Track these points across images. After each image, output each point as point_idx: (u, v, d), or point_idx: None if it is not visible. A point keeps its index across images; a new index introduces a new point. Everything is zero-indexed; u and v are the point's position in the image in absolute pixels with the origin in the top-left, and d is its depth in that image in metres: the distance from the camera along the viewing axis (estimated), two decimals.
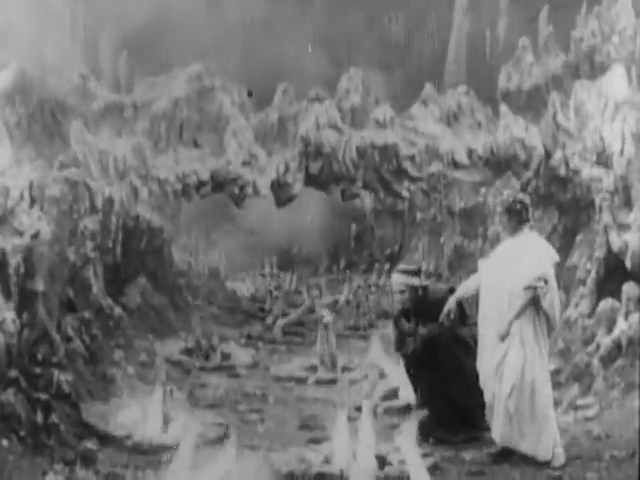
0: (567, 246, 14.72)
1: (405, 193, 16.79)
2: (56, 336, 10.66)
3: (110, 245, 13.47)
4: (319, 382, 12.36)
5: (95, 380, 10.91)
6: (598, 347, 11.38)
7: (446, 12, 23.74)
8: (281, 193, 16.20)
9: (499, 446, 8.73)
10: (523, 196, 8.99)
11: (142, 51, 18.70)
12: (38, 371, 9.56)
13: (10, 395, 8.61)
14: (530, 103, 17.00)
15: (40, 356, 9.98)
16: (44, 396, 9.00)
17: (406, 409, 10.32)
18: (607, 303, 11.98)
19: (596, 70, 15.75)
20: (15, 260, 10.31)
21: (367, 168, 16.36)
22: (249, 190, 15.73)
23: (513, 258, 8.60)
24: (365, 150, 16.23)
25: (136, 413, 9.75)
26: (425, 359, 9.38)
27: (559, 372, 11.37)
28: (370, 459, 8.46)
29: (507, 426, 8.58)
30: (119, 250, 13.72)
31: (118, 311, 13.14)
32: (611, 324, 11.54)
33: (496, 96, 17.62)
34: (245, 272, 22.67)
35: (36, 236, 10.85)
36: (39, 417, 8.63)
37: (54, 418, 8.78)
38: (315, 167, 16.30)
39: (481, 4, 22.97)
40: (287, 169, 16.08)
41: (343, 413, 9.17)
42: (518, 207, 8.68)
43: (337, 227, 25.33)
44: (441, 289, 9.83)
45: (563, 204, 15.47)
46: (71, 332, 11.29)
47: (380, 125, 16.50)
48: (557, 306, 8.68)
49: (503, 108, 16.28)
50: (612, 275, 12.69)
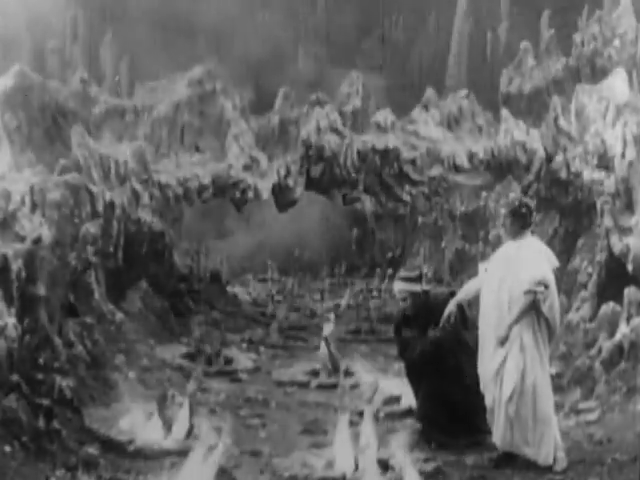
0: (568, 250, 14.73)
1: (406, 197, 16.80)
2: (58, 341, 10.66)
3: (111, 250, 13.48)
4: (321, 387, 12.35)
5: (97, 385, 10.91)
6: (600, 351, 11.37)
7: (447, 16, 23.81)
8: (282, 197, 16.22)
9: (500, 451, 8.73)
10: (529, 200, 8.97)
11: (143, 55, 18.74)
12: (40, 376, 9.55)
13: (12, 400, 8.60)
14: (531, 106, 17.03)
15: (42, 361, 9.98)
16: (46, 401, 8.98)
17: (407, 414, 10.30)
18: (609, 307, 11.98)
19: (597, 74, 15.78)
20: (16, 265, 10.30)
21: (368, 172, 16.38)
22: (250, 194, 15.74)
23: (514, 262, 8.59)
24: (366, 154, 16.25)
25: (138, 418, 9.74)
26: (428, 363, 9.37)
27: (561, 376, 11.37)
28: (372, 464, 8.45)
29: (508, 430, 8.57)
30: (120, 255, 13.73)
31: (119, 316, 13.15)
32: (613, 328, 11.54)
33: (497, 100, 17.65)
34: (246, 277, 22.72)
35: (37, 241, 10.85)
36: (41, 422, 8.61)
37: (56, 423, 8.76)
38: (316, 171, 16.32)
39: (482, 8, 23.04)
40: (288, 173, 16.10)
41: (345, 418, 9.16)
42: (524, 211, 8.67)
43: (338, 231, 25.38)
44: (442, 294, 9.82)
45: (564, 207, 15.48)
46: (73, 337, 11.30)
47: (381, 129, 16.51)
48: (557, 311, 8.66)
49: (504, 112, 16.28)
50: (614, 279, 12.69)
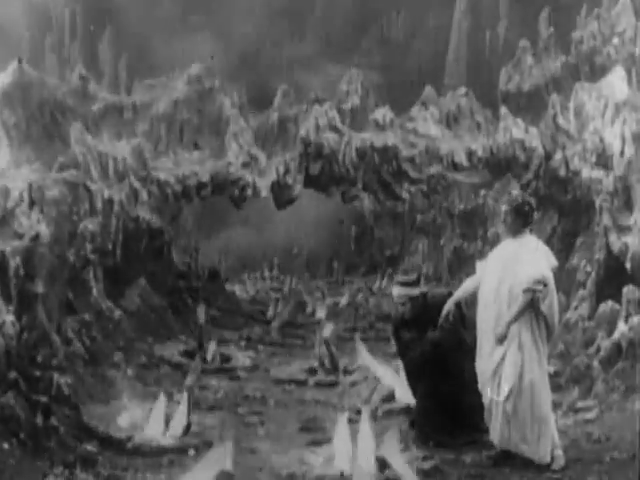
0: (567, 248, 14.72)
1: (405, 195, 16.80)
2: (56, 338, 10.66)
3: (110, 247, 13.47)
4: (319, 384, 12.35)
5: (95, 382, 10.91)
6: (598, 350, 11.37)
7: (446, 14, 23.79)
8: (281, 195, 16.21)
9: (498, 449, 8.73)
10: (531, 198, 8.95)
11: (142, 52, 18.72)
12: (38, 373, 9.54)
13: (10, 398, 8.59)
14: (530, 104, 17.01)
15: (40, 358, 9.98)
16: (44, 398, 8.97)
17: (405, 411, 10.30)
18: (607, 305, 11.98)
19: (596, 72, 15.77)
20: (15, 262, 10.31)
21: (367, 170, 16.37)
22: (249, 192, 15.73)
23: (513, 260, 8.58)
24: (365, 152, 16.23)
25: (136, 415, 9.74)
26: (427, 363, 9.37)
27: (559, 375, 11.36)
28: (370, 461, 8.45)
29: (505, 429, 8.56)
30: (119, 252, 13.72)
31: (118, 313, 13.13)
32: (611, 327, 11.53)
33: (496, 98, 17.64)
34: (245, 274, 22.72)
35: (36, 238, 10.85)
36: (39, 420, 8.60)
37: (54, 421, 8.75)
38: (315, 168, 16.31)
39: (481, 6, 23.02)
40: (287, 171, 16.08)
41: (343, 415, 9.16)
42: (526, 208, 8.65)
43: (337, 229, 25.36)
44: (440, 295, 9.81)
45: (563, 206, 15.48)
46: (71, 334, 11.29)
47: (380, 127, 16.50)
48: (556, 309, 8.66)
49: (503, 110, 16.27)
50: (612, 277, 12.68)
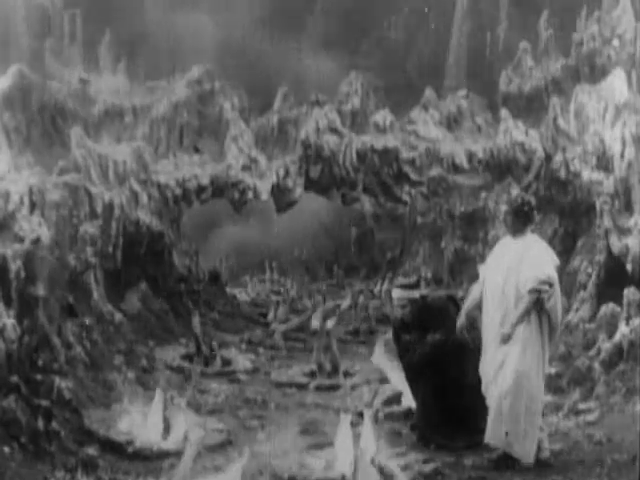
0: (568, 250, 14.71)
1: (405, 197, 16.79)
2: (57, 342, 10.65)
3: (110, 250, 13.47)
4: (320, 388, 12.34)
5: (96, 386, 10.90)
6: (599, 351, 11.37)
7: (446, 16, 23.76)
8: (281, 198, 16.20)
9: (500, 451, 8.73)
10: (531, 198, 8.96)
11: (142, 55, 18.70)
12: (39, 377, 9.55)
13: (11, 402, 8.59)
14: (530, 107, 17.01)
15: (41, 362, 9.97)
16: (45, 402, 8.98)
17: (407, 414, 10.30)
18: (608, 307, 11.98)
19: (596, 73, 15.77)
20: (15, 265, 10.31)
21: (367, 172, 16.37)
22: (249, 195, 15.72)
23: (517, 260, 8.57)
24: (365, 154, 16.24)
25: (137, 419, 9.74)
26: (428, 366, 9.37)
27: (560, 376, 11.36)
28: (371, 465, 8.44)
29: (498, 426, 8.55)
30: (119, 255, 13.72)
31: (118, 317, 13.13)
32: (612, 328, 11.54)
33: (496, 100, 17.64)
34: (245, 277, 22.68)
35: (36, 241, 10.85)
36: (40, 424, 8.61)
37: (55, 424, 8.76)
38: (315, 171, 16.31)
39: (481, 8, 22.99)
40: (287, 173, 16.08)
41: (345, 418, 9.16)
42: (526, 209, 8.67)
43: (337, 232, 25.34)
44: (440, 298, 9.83)
45: (564, 208, 15.47)
46: (72, 338, 11.28)
47: (380, 129, 16.51)
48: (559, 309, 8.68)
49: (503, 112, 16.28)
50: (613, 279, 12.69)
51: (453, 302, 9.79)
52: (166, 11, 20.31)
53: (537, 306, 8.50)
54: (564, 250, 14.68)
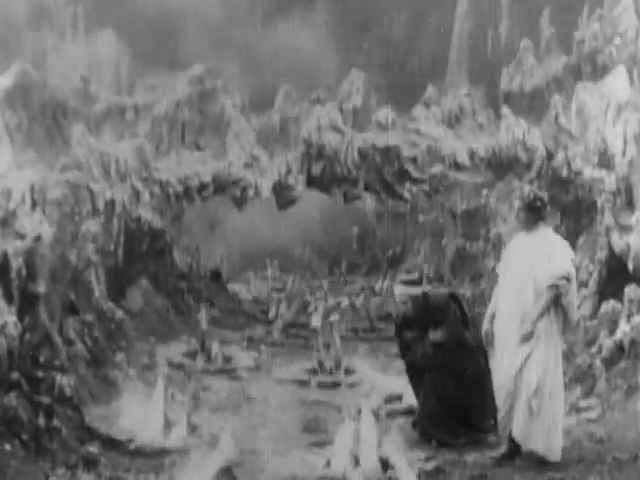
0: None
1: (407, 195, 16.77)
2: (58, 339, 10.66)
3: (112, 248, 13.48)
4: (321, 385, 12.34)
5: (97, 383, 10.91)
6: (600, 349, 11.36)
7: (447, 14, 23.77)
8: (283, 195, 16.18)
9: (502, 449, 8.71)
10: (543, 194, 8.95)
11: (143, 53, 18.71)
12: (40, 374, 9.55)
13: (12, 399, 8.60)
14: (532, 105, 17.00)
15: (42, 359, 9.97)
16: (46, 400, 8.98)
17: (408, 412, 10.29)
18: (609, 305, 11.97)
19: (598, 72, 15.76)
20: (17, 263, 10.31)
21: (369, 170, 16.35)
22: (251, 192, 15.71)
23: (533, 256, 8.52)
24: (367, 152, 16.22)
25: (138, 416, 9.74)
26: (429, 364, 9.37)
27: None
28: (372, 462, 8.45)
29: (528, 427, 8.50)
30: (121, 253, 13.73)
31: (120, 314, 13.13)
32: (613, 326, 11.53)
33: (498, 98, 17.63)
34: (247, 274, 22.68)
35: (38, 239, 10.85)
36: (41, 421, 8.61)
37: (56, 422, 8.76)
38: (317, 169, 16.29)
39: (482, 6, 22.99)
40: (289, 171, 16.07)
41: (345, 416, 9.15)
42: (538, 204, 8.66)
43: (339, 229, 25.34)
44: (442, 295, 9.83)
45: (565, 206, 15.46)
46: (73, 335, 11.29)
47: (382, 127, 16.48)
48: (575, 304, 8.67)
49: (505, 110, 16.26)
50: (614, 277, 12.68)
51: (455, 300, 9.79)
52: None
53: (555, 301, 8.48)
54: None
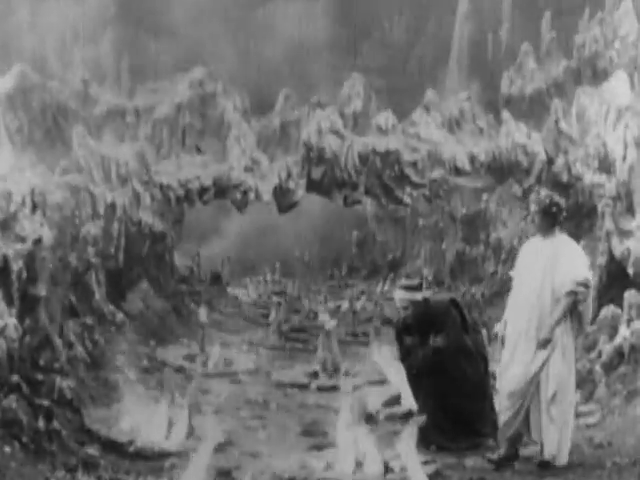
0: None
1: (407, 199, 16.79)
2: (58, 342, 10.65)
3: (112, 251, 13.49)
4: (321, 388, 12.34)
5: (97, 386, 10.91)
6: (600, 354, 11.36)
7: (448, 17, 23.78)
8: (283, 199, 16.21)
9: (501, 452, 8.71)
10: (560, 199, 8.92)
11: (144, 56, 18.72)
12: (40, 377, 9.55)
13: (12, 401, 8.60)
14: (532, 109, 17.03)
15: (42, 362, 9.98)
16: (46, 402, 8.98)
17: (408, 415, 10.29)
18: (609, 310, 11.96)
19: (598, 76, 15.78)
20: (17, 266, 10.30)
21: (369, 174, 16.37)
22: (251, 196, 15.74)
23: (550, 262, 8.48)
24: (367, 156, 16.24)
25: (138, 419, 9.73)
26: (429, 369, 9.37)
27: None
28: (372, 466, 8.45)
29: (550, 433, 8.48)
30: (121, 256, 13.74)
31: (120, 317, 13.14)
32: (613, 331, 11.53)
33: (498, 102, 17.65)
34: (247, 278, 22.70)
35: (38, 242, 10.85)
36: (41, 423, 8.61)
37: (56, 424, 8.75)
38: (317, 173, 16.31)
39: (483, 9, 23.00)
40: (289, 175, 16.09)
41: (345, 419, 9.14)
42: (554, 210, 8.64)
43: (339, 233, 25.36)
44: (442, 301, 9.81)
45: (565, 210, 15.46)
46: (73, 338, 11.29)
47: (382, 131, 16.51)
48: (590, 308, 8.67)
49: (505, 114, 16.28)
50: (614, 282, 12.68)
51: (455, 305, 9.78)
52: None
53: (572, 307, 8.47)
54: None
